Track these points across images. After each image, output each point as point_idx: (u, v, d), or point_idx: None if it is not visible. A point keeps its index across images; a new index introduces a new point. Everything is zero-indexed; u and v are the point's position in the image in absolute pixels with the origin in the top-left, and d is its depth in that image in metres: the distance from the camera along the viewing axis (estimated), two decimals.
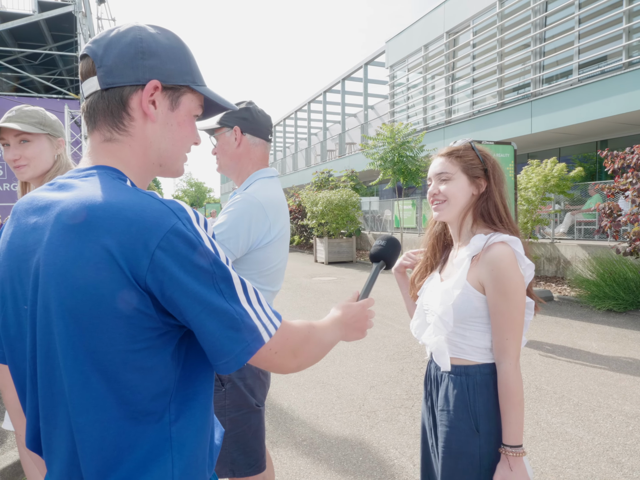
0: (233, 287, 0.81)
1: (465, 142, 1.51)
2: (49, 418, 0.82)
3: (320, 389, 4.36)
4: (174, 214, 0.78)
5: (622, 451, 3.12)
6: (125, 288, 0.75)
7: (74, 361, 0.77)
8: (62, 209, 0.79)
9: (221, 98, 1.00)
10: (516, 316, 1.36)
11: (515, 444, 1.33)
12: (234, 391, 1.78)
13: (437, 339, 1.45)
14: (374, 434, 3.44)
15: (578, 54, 11.90)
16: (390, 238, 1.36)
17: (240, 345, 0.79)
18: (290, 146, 38.61)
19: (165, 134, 0.92)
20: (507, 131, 13.08)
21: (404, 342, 5.88)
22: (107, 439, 0.79)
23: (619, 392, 4.11)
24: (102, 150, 0.89)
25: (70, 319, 0.76)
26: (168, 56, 0.90)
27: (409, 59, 18.72)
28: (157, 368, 0.80)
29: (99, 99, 0.88)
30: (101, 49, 0.87)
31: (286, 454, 3.17)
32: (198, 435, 0.85)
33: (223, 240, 1.68)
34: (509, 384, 1.35)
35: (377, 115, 24.28)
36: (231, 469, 1.79)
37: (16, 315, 0.86)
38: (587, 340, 5.77)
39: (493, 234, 1.42)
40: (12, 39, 10.68)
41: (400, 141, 14.17)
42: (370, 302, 1.16)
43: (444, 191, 1.46)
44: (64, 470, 0.82)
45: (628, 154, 6.99)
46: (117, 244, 0.74)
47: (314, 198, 15.89)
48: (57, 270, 0.77)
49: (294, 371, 0.91)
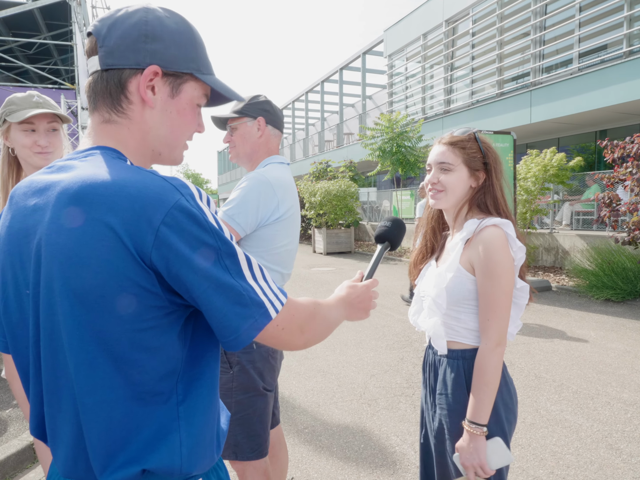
0: (238, 263, 0.80)
1: (469, 132, 1.49)
2: (53, 402, 0.82)
3: (321, 378, 4.39)
4: (177, 190, 0.77)
5: (620, 438, 3.15)
6: (130, 265, 0.74)
7: (80, 341, 0.76)
8: (62, 188, 0.78)
9: (228, 89, 0.96)
10: (500, 298, 1.37)
11: (473, 420, 1.36)
12: (242, 374, 1.79)
13: (432, 321, 1.47)
14: (375, 422, 3.46)
15: (578, 42, 11.84)
16: (395, 219, 1.36)
17: (248, 321, 0.79)
18: (288, 137, 38.44)
19: (164, 121, 0.90)
20: (506, 121, 13.04)
21: (404, 332, 5.91)
22: (115, 419, 0.78)
23: (617, 380, 4.14)
24: (101, 132, 0.89)
25: (75, 298, 0.76)
26: (173, 41, 0.87)
27: (408, 48, 18.60)
28: (164, 348, 0.80)
29: (99, 79, 0.87)
30: (105, 28, 0.86)
31: (288, 442, 3.19)
32: (205, 415, 0.85)
33: (233, 214, 1.71)
34: (480, 363, 1.38)
35: (375, 105, 24.16)
36: (234, 452, 1.81)
37: (18, 301, 0.85)
38: (585, 330, 5.80)
39: (485, 218, 1.43)
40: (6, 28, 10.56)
41: (398, 131, 14.13)
42: (374, 283, 1.17)
43: (443, 181, 1.46)
44: (69, 455, 0.82)
45: (628, 143, 6.97)
46: (120, 221, 0.73)
47: (312, 189, 15.85)
48: (60, 250, 0.76)
49: (300, 348, 0.91)
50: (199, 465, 0.84)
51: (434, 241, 1.63)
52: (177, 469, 0.81)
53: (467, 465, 1.36)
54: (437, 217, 1.63)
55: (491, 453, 1.37)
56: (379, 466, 2.88)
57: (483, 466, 1.35)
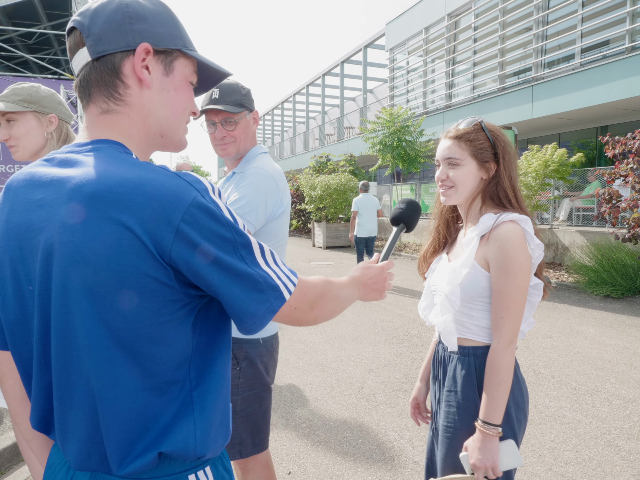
0: (253, 252, 0.83)
1: (475, 122, 1.45)
2: (64, 398, 0.82)
3: (319, 372, 4.38)
4: (192, 187, 0.78)
5: (619, 434, 3.15)
6: (149, 263, 0.75)
7: (100, 339, 0.77)
8: (75, 185, 0.77)
9: (215, 63, 0.97)
10: (515, 296, 1.34)
11: (487, 421, 1.33)
12: (250, 369, 1.78)
13: (444, 318, 1.44)
14: (373, 417, 3.46)
15: (581, 37, 11.77)
16: (411, 201, 1.34)
17: (265, 305, 0.82)
18: (289, 130, 38.31)
19: (163, 100, 0.89)
20: (508, 116, 12.99)
21: (403, 326, 5.90)
22: (135, 410, 0.80)
23: (616, 376, 4.14)
24: (100, 123, 0.87)
25: (93, 297, 0.76)
26: (156, 20, 0.87)
27: (409, 41, 18.49)
28: (179, 338, 0.82)
29: (91, 70, 0.85)
30: (87, 19, 0.85)
31: (286, 436, 3.18)
32: (217, 399, 0.87)
33: (244, 214, 1.69)
34: (493, 361, 1.34)
35: (377, 99, 24.06)
36: (239, 450, 1.80)
37: (18, 297, 0.84)
38: (584, 326, 5.80)
39: (502, 213, 1.39)
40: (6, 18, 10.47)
41: (399, 125, 14.07)
42: (389, 265, 1.18)
43: (453, 177, 1.43)
44: (83, 449, 0.82)
45: (629, 139, 6.94)
46: (138, 220, 0.74)
47: (312, 182, 15.81)
48: (76, 249, 0.75)
49: (310, 324, 0.95)
50: (212, 447, 0.86)
51: (446, 235, 1.59)
52: (192, 451, 0.83)
53: (479, 465, 1.32)
54: (450, 210, 1.60)
55: (503, 454, 1.34)
56: (376, 461, 2.87)
57: (495, 468, 1.32)
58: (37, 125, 1.73)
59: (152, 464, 0.82)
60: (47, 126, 1.75)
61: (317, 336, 5.56)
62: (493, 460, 1.32)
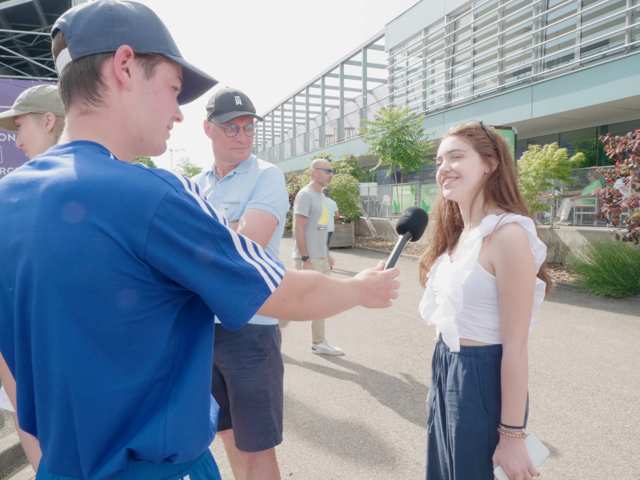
0: (233, 245, 0.82)
1: (475, 122, 1.49)
2: (44, 398, 0.81)
3: (320, 373, 4.37)
4: (165, 182, 0.77)
5: (620, 434, 3.14)
6: (122, 260, 0.74)
7: (76, 338, 0.76)
8: (49, 185, 0.77)
9: (200, 70, 0.97)
10: (524, 298, 1.35)
11: (510, 424, 1.33)
12: (275, 357, 1.87)
13: (446, 319, 1.44)
14: (374, 417, 3.45)
15: (580, 37, 11.76)
16: (417, 209, 1.34)
17: (248, 298, 0.81)
18: (289, 131, 38.32)
19: (142, 103, 0.89)
20: (508, 116, 12.98)
21: (403, 327, 5.90)
22: (116, 411, 0.79)
23: (618, 376, 4.13)
24: (79, 124, 0.87)
25: (67, 295, 0.75)
26: (139, 24, 0.88)
27: (409, 42, 18.50)
28: (161, 335, 0.81)
29: (71, 70, 0.86)
30: (70, 21, 0.86)
31: (287, 437, 3.18)
32: (192, 397, 0.84)
33: (278, 206, 1.82)
34: (511, 365, 1.34)
35: (376, 99, 24.07)
36: (274, 438, 1.86)
37: (2, 299, 0.84)
38: (585, 325, 5.79)
39: (505, 215, 1.40)
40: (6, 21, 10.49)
41: (399, 126, 14.08)
42: (395, 272, 1.17)
43: (457, 168, 1.43)
44: (55, 452, 0.81)
45: (629, 138, 6.94)
46: (110, 217, 0.73)
47: None
48: (48, 248, 0.75)
49: (303, 318, 0.94)
50: (184, 447, 0.83)
51: (447, 236, 1.60)
52: (160, 449, 0.80)
53: (517, 471, 1.31)
54: (449, 216, 1.60)
55: (531, 452, 1.35)
56: (377, 462, 2.87)
57: (530, 467, 1.32)
58: (36, 127, 1.72)
59: (122, 465, 0.79)
60: (45, 125, 1.73)
61: None
62: (527, 461, 1.32)
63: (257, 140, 46.40)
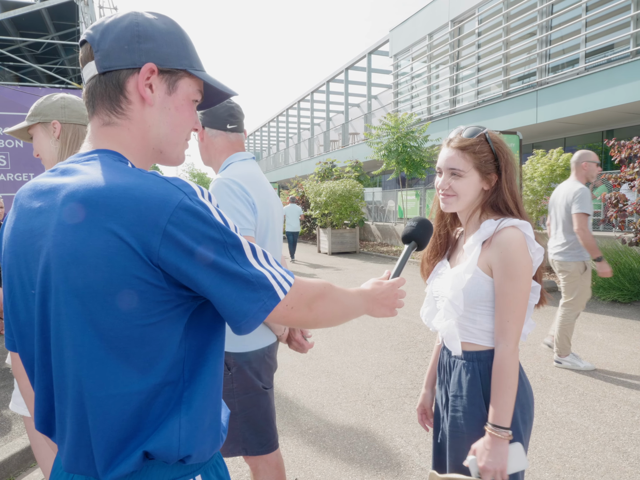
0: (244, 253, 0.84)
1: (479, 133, 1.44)
2: (62, 398, 0.84)
3: (325, 378, 4.37)
4: (179, 190, 0.80)
5: (627, 441, 3.12)
6: (137, 265, 0.77)
7: (90, 339, 0.79)
8: (68, 191, 0.81)
9: (220, 83, 1.00)
10: (520, 299, 1.36)
11: (497, 424, 1.33)
12: (239, 375, 1.81)
13: (447, 323, 1.45)
14: (380, 423, 3.45)
15: (585, 42, 11.76)
16: (422, 219, 1.36)
17: (257, 304, 0.83)
18: (293, 136, 38.44)
19: (164, 118, 0.93)
20: (512, 121, 12.98)
21: (408, 332, 5.88)
22: (128, 411, 0.81)
23: (624, 382, 4.11)
24: (101, 134, 0.91)
25: (83, 298, 0.78)
26: (164, 40, 0.91)
27: (413, 47, 18.55)
28: (173, 339, 0.83)
29: (97, 83, 0.90)
30: (98, 34, 0.89)
31: (292, 443, 3.18)
32: (205, 400, 0.87)
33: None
34: (502, 366, 1.35)
35: (381, 105, 24.11)
36: (244, 447, 1.84)
37: (24, 300, 0.87)
38: (592, 331, 5.76)
39: (504, 219, 1.41)
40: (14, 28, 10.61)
41: (404, 131, 14.09)
42: (400, 282, 1.19)
43: (454, 187, 1.44)
44: (71, 451, 0.84)
45: (635, 143, 6.92)
46: (126, 223, 0.76)
47: (318, 188, 15.84)
48: (67, 251, 0.78)
49: (311, 325, 0.95)
50: (198, 449, 0.86)
51: (446, 240, 1.61)
52: (175, 451, 0.83)
53: (489, 468, 1.32)
54: (449, 217, 1.61)
55: (510, 457, 1.34)
56: (383, 468, 2.86)
57: (503, 471, 1.32)
58: (45, 136, 1.74)
59: (138, 466, 0.82)
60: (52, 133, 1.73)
61: (323, 342, 5.56)
62: (502, 463, 1.32)
63: (262, 146, 46.58)
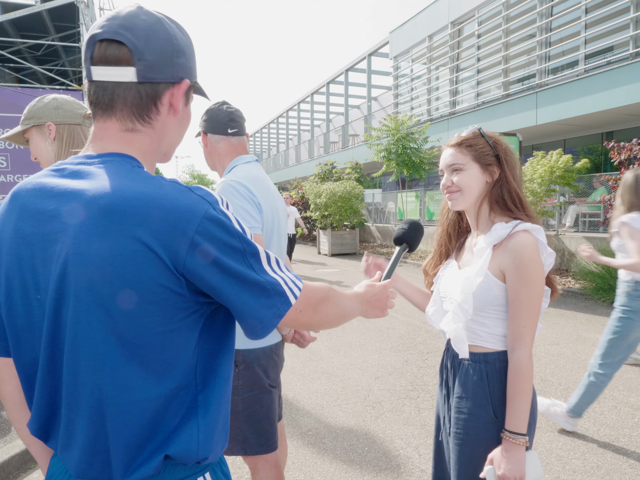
0: (260, 261, 0.87)
1: (474, 129, 1.48)
2: (72, 406, 0.83)
3: (325, 380, 4.37)
4: (204, 200, 0.82)
5: (627, 442, 3.12)
6: (162, 274, 0.78)
7: (114, 347, 0.80)
8: (91, 197, 0.79)
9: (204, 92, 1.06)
10: (535, 304, 1.37)
11: (514, 430, 1.33)
12: (247, 372, 1.82)
13: (455, 326, 1.45)
14: (379, 425, 3.45)
15: (584, 44, 11.77)
16: (413, 222, 1.37)
17: (272, 310, 0.86)
18: (294, 138, 38.46)
19: (178, 127, 0.96)
20: (512, 122, 12.99)
21: (408, 334, 5.88)
22: (146, 417, 0.83)
23: (624, 384, 4.11)
24: (120, 139, 0.89)
25: (108, 307, 0.78)
26: (190, 55, 0.94)
27: (413, 49, 18.57)
28: (188, 344, 0.85)
29: (129, 89, 0.86)
30: (141, 42, 0.85)
31: (292, 444, 3.18)
32: (220, 404, 0.90)
33: None
34: (521, 371, 1.35)
35: (381, 106, 24.14)
36: (243, 447, 1.84)
37: (25, 305, 0.85)
38: (591, 333, 5.76)
39: (517, 223, 1.41)
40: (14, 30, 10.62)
41: (404, 133, 14.11)
42: (392, 283, 1.22)
43: (457, 182, 1.45)
44: (84, 457, 0.84)
45: (635, 145, 6.93)
46: (153, 232, 0.77)
47: (318, 190, 15.84)
48: (91, 260, 0.77)
49: (315, 327, 1.00)
50: (213, 450, 0.89)
51: (448, 245, 1.61)
52: (194, 454, 0.85)
53: (508, 476, 1.30)
54: (454, 222, 1.61)
55: (528, 467, 1.33)
56: (382, 469, 2.86)
57: (522, 479, 1.31)
58: (40, 138, 1.71)
59: (157, 470, 0.83)
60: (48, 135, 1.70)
61: (322, 344, 5.56)
62: (521, 470, 1.31)
63: (261, 147, 46.59)
